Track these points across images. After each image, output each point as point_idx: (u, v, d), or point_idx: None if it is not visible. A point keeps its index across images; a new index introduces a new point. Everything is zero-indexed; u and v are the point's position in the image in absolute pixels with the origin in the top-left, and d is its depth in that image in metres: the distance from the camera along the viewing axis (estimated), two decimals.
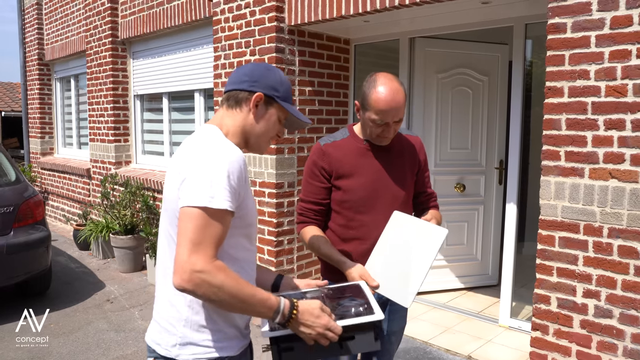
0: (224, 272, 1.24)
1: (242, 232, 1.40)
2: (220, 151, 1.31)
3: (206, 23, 4.83)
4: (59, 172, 7.64)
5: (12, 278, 4.21)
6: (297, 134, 4.16)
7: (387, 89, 1.83)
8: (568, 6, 2.60)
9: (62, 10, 7.40)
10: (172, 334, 1.37)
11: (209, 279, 1.21)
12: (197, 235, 1.23)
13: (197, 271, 1.20)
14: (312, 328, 1.35)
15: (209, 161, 1.28)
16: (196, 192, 1.25)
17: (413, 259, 1.82)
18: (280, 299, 1.33)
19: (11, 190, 4.39)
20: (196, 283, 1.21)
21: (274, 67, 1.52)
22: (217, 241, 1.26)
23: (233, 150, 1.33)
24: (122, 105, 6.20)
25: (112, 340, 3.76)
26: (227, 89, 1.48)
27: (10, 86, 14.02)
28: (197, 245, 1.22)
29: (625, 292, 2.53)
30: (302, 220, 2.04)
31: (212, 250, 1.24)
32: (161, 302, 1.42)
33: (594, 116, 2.57)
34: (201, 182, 1.26)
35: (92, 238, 5.74)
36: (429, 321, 3.95)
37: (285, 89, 1.48)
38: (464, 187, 4.49)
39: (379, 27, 4.05)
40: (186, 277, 1.20)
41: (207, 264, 1.22)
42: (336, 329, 1.36)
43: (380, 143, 1.98)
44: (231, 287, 1.23)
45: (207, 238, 1.24)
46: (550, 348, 2.79)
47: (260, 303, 1.29)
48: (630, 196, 2.48)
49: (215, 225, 1.25)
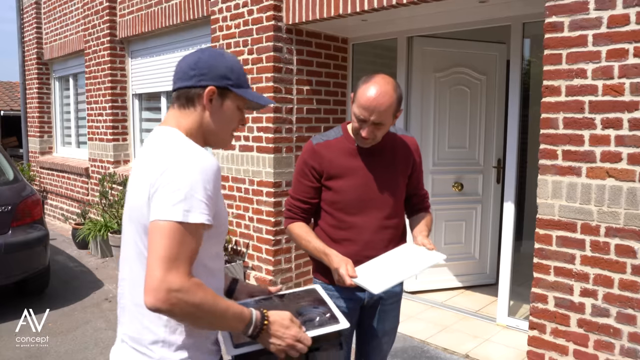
0: (202, 289, 1.17)
1: (216, 241, 1.35)
2: (194, 158, 1.21)
3: (204, 22, 4.82)
4: (58, 171, 7.63)
5: (10, 277, 4.20)
6: (295, 132, 4.16)
7: (376, 88, 1.81)
8: (565, 5, 2.60)
9: (61, 9, 7.40)
10: (150, 357, 1.28)
11: (186, 298, 1.13)
12: (171, 251, 1.13)
13: (174, 290, 1.12)
14: (282, 339, 1.31)
15: (182, 170, 1.18)
16: (170, 205, 1.15)
17: (402, 265, 1.84)
18: (251, 311, 1.28)
19: (9, 189, 4.38)
20: (173, 303, 1.12)
21: (221, 51, 1.37)
22: (192, 257, 1.17)
23: (206, 157, 1.23)
24: (120, 104, 6.20)
25: (110, 339, 3.76)
26: (175, 86, 1.35)
27: (9, 85, 14.01)
28: (172, 262, 1.13)
29: (622, 291, 2.54)
30: (289, 216, 2.05)
31: (188, 267, 1.15)
32: (131, 323, 1.32)
33: (591, 115, 2.57)
34: (175, 194, 1.16)
35: (90, 237, 5.74)
36: (426, 320, 3.96)
37: (237, 75, 1.34)
38: (462, 186, 4.49)
39: (377, 26, 4.05)
40: (161, 297, 1.11)
41: (185, 282, 1.13)
42: (306, 340, 1.33)
43: (359, 142, 1.94)
44: (209, 304, 1.17)
45: (182, 254, 1.14)
46: (547, 347, 2.79)
47: (235, 317, 1.24)
48: (627, 195, 2.48)
49: (190, 241, 1.16)
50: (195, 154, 1.23)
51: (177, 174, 1.18)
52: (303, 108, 4.21)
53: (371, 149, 1.98)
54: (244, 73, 1.39)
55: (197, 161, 1.21)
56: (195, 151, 1.24)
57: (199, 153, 1.24)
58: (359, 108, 1.84)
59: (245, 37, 4.13)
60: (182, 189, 1.16)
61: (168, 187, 1.17)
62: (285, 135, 4.10)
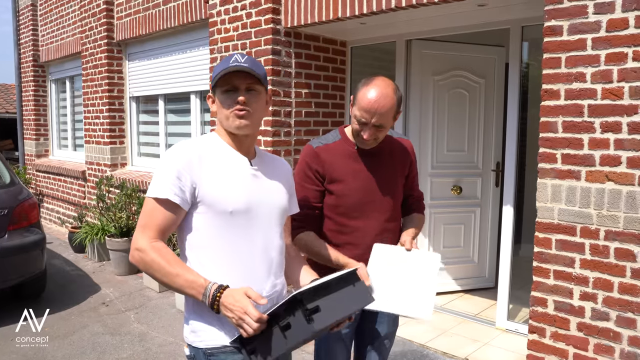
0: (158, 252, 1.42)
1: (220, 224, 1.49)
2: (173, 148, 1.51)
3: (202, 25, 4.81)
4: (54, 174, 7.60)
5: (6, 281, 4.17)
6: (293, 136, 4.15)
7: (377, 90, 1.81)
8: (564, 9, 2.61)
9: (57, 11, 7.37)
10: (187, 323, 1.56)
11: (143, 257, 1.43)
12: (143, 219, 1.47)
13: (136, 249, 1.44)
14: (233, 312, 1.34)
15: (161, 159, 1.53)
16: (150, 185, 1.49)
17: (414, 279, 1.84)
18: (209, 282, 1.40)
19: (5, 192, 4.36)
20: (135, 259, 1.45)
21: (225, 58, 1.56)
22: (161, 226, 1.45)
23: (186, 145, 1.51)
24: (117, 107, 6.18)
25: (108, 344, 3.73)
26: None
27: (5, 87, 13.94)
28: (142, 227, 1.46)
29: (622, 294, 2.53)
30: (297, 226, 1.95)
31: (154, 232, 1.44)
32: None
33: (590, 119, 2.57)
34: (153, 177, 1.50)
35: (87, 241, 5.70)
36: (425, 324, 3.95)
37: (215, 71, 1.52)
38: (461, 189, 4.49)
39: (376, 29, 4.05)
40: (131, 253, 1.46)
41: (146, 243, 1.43)
42: (251, 314, 1.31)
43: (360, 144, 1.94)
44: (159, 267, 1.41)
45: (151, 222, 1.45)
46: (547, 351, 2.79)
47: (187, 284, 1.40)
48: (627, 199, 2.48)
49: (160, 212, 1.45)
50: (178, 145, 1.52)
51: (159, 163, 1.52)
52: (302, 111, 4.20)
53: (370, 152, 1.98)
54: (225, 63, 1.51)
55: (174, 150, 1.50)
56: (183, 142, 1.53)
57: (184, 143, 1.52)
58: (360, 111, 1.84)
59: (244, 40, 4.12)
60: (156, 173, 1.49)
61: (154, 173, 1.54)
62: (283, 139, 4.09)
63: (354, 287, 1.46)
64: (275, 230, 1.61)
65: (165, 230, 1.47)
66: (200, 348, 1.52)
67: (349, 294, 1.44)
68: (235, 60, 1.50)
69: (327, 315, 1.36)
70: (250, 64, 1.50)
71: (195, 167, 1.47)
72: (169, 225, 1.47)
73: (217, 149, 1.56)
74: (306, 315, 1.33)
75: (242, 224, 1.51)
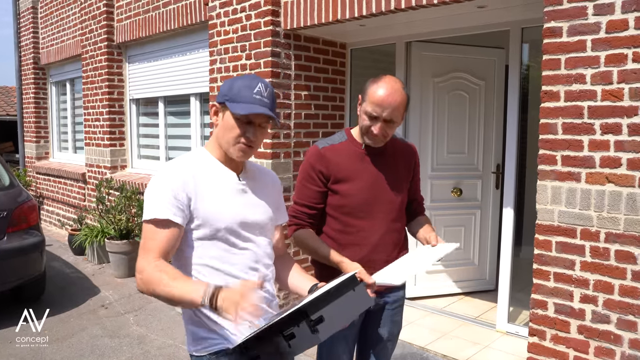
0: (157, 267, 1.39)
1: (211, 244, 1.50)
2: (166, 169, 1.52)
3: (202, 27, 4.81)
4: (54, 177, 7.59)
5: (5, 284, 4.17)
6: (293, 138, 4.15)
7: (388, 85, 1.86)
8: (564, 10, 2.60)
9: (58, 14, 7.38)
10: (187, 335, 1.58)
11: (142, 277, 1.40)
12: (144, 243, 1.45)
13: (138, 272, 1.42)
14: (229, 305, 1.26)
15: (155, 180, 1.51)
16: (146, 208, 1.47)
17: (417, 260, 1.88)
18: (209, 284, 1.34)
19: (5, 194, 4.35)
20: (139, 284, 1.43)
21: (247, 75, 1.58)
22: (162, 247, 1.43)
23: (178, 166, 1.52)
24: (117, 109, 6.17)
25: (107, 347, 3.72)
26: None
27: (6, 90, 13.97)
28: (143, 251, 1.44)
29: (622, 297, 2.52)
30: (295, 222, 2.01)
31: (156, 254, 1.42)
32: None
33: (590, 120, 2.56)
34: (149, 199, 1.48)
35: (87, 243, 5.70)
36: (425, 326, 3.93)
37: (234, 93, 1.51)
38: (461, 191, 4.48)
39: (375, 31, 4.04)
40: (136, 281, 1.43)
41: (146, 264, 1.41)
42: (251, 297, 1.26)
43: (369, 141, 1.94)
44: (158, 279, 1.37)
45: (152, 245, 1.43)
46: (547, 354, 2.77)
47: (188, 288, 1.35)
48: (627, 201, 2.47)
49: (161, 234, 1.44)
50: (170, 164, 1.54)
51: (151, 184, 1.51)
52: (301, 113, 4.19)
53: (377, 153, 1.99)
54: (243, 91, 1.50)
55: (167, 170, 1.51)
56: (174, 161, 1.56)
57: (175, 162, 1.54)
58: (371, 105, 1.86)
59: (243, 42, 4.12)
60: (150, 194, 1.49)
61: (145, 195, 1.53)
62: (283, 141, 4.08)
63: (354, 292, 1.47)
64: (263, 241, 1.63)
65: (167, 251, 1.46)
66: (204, 355, 1.52)
67: (350, 300, 1.45)
68: (260, 92, 1.50)
69: (331, 324, 1.38)
70: (271, 99, 1.53)
71: (190, 187, 1.49)
72: (172, 246, 1.46)
73: (208, 166, 1.58)
74: (311, 327, 1.34)
75: (232, 238, 1.54)
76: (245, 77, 1.56)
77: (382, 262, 1.94)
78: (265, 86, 1.53)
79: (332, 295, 1.40)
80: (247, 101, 1.49)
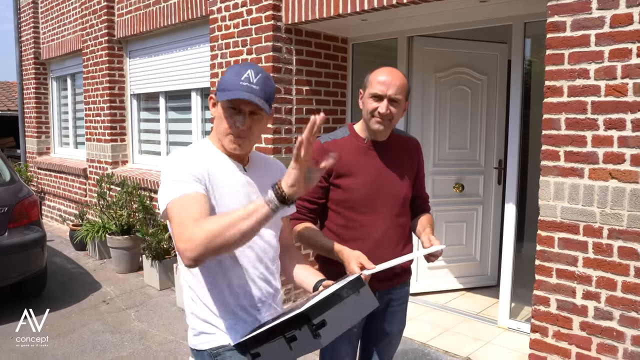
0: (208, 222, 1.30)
1: None
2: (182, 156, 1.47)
3: (203, 22, 4.79)
4: (56, 172, 7.59)
5: (7, 279, 4.17)
6: (294, 133, 4.13)
7: (390, 69, 1.91)
8: (568, 4, 2.57)
9: (58, 8, 7.35)
10: (189, 328, 1.57)
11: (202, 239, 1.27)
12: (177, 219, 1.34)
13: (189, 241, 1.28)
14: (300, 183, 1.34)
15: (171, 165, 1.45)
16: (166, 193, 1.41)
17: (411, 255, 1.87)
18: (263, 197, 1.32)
19: (6, 190, 4.35)
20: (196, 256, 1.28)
21: (238, 64, 1.55)
22: (197, 213, 1.33)
23: (194, 156, 1.48)
24: (118, 104, 6.16)
25: (108, 342, 3.72)
26: None
27: (6, 85, 13.95)
28: (178, 226, 1.33)
29: (625, 293, 2.51)
30: (296, 217, 1.99)
31: (194, 219, 1.32)
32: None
33: (594, 116, 2.55)
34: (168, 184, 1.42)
35: (88, 238, 5.70)
36: (427, 322, 3.93)
37: (223, 81, 1.48)
38: (463, 187, 4.46)
39: (377, 26, 4.02)
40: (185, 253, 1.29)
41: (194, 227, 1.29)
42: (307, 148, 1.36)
43: (375, 127, 1.91)
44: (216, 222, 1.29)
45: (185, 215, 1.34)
46: (549, 350, 2.76)
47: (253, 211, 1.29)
48: (631, 197, 2.46)
49: (192, 205, 1.36)
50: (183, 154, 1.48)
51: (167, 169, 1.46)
52: (302, 108, 4.18)
53: (379, 147, 1.98)
54: (236, 79, 1.46)
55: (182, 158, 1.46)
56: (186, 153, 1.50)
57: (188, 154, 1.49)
58: (376, 84, 1.88)
59: (244, 37, 4.10)
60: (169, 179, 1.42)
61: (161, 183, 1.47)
62: (284, 136, 4.07)
63: (358, 294, 1.44)
64: (269, 234, 1.61)
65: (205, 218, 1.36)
66: (205, 350, 1.52)
67: (354, 303, 1.42)
68: (248, 79, 1.46)
69: (334, 329, 1.36)
70: (261, 86, 1.47)
71: (207, 179, 1.46)
72: (207, 214, 1.37)
73: (216, 159, 1.54)
74: (313, 331, 1.33)
75: None
76: (238, 65, 1.53)
77: (386, 258, 1.92)
78: (256, 73, 1.47)
79: (337, 299, 1.38)
80: (232, 88, 1.45)
